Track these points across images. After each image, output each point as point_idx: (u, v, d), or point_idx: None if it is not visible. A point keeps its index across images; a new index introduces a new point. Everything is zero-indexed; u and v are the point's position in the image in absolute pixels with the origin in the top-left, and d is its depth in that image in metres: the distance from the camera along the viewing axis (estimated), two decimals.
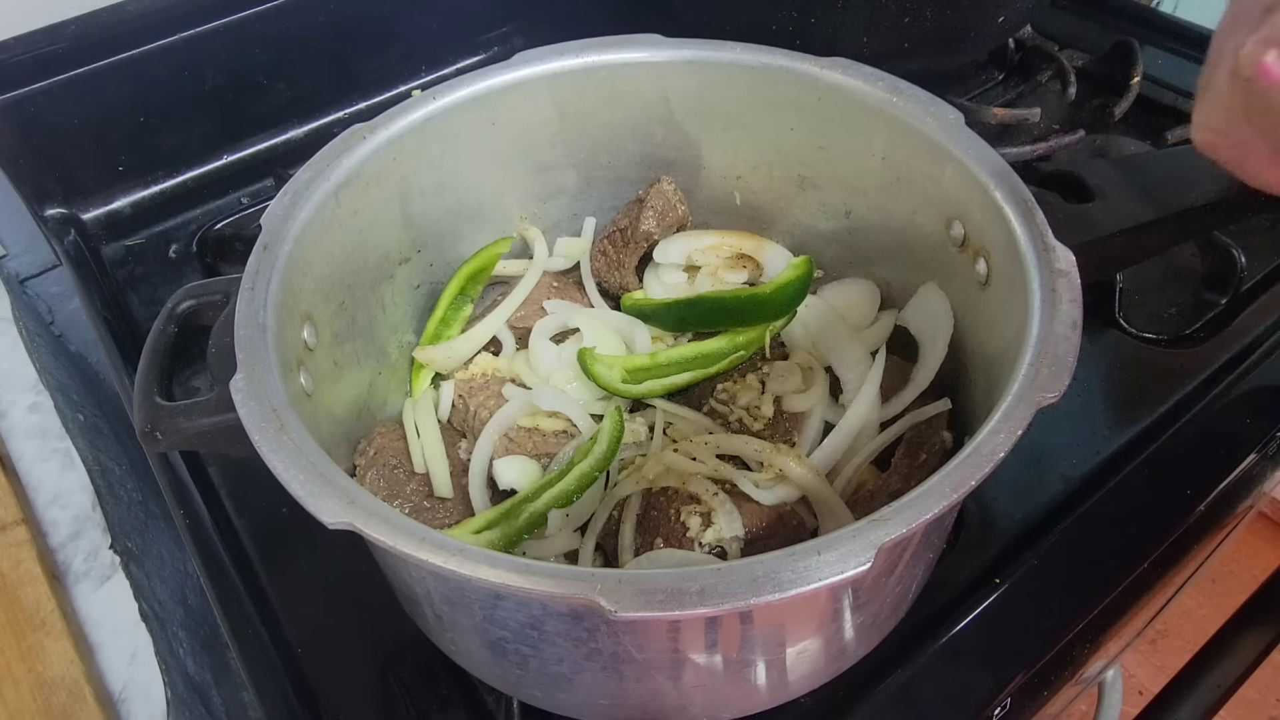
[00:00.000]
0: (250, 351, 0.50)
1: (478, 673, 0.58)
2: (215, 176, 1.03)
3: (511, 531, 0.58)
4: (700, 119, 0.72)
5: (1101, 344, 0.81)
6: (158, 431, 0.52)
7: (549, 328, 0.71)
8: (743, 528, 0.58)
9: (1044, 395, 0.46)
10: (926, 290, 0.67)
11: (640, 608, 0.39)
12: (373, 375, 0.67)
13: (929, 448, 0.60)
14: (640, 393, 0.67)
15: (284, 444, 0.46)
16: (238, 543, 0.70)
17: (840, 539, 0.41)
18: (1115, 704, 1.05)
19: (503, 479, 0.63)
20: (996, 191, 0.56)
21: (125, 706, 0.65)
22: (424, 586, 0.51)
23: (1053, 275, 0.51)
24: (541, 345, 0.70)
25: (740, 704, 0.56)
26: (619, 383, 0.66)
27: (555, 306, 0.73)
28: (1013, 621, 0.63)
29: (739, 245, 0.76)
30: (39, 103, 0.91)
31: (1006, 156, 0.59)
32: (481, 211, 0.73)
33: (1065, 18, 1.19)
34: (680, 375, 0.68)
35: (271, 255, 0.55)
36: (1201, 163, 0.55)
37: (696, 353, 0.69)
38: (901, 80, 0.64)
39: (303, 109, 1.07)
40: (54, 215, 0.98)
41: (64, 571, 0.72)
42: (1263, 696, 1.77)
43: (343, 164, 0.61)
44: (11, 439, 0.79)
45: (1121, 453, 0.73)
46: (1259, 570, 1.68)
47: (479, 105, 0.67)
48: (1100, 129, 1.02)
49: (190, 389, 0.77)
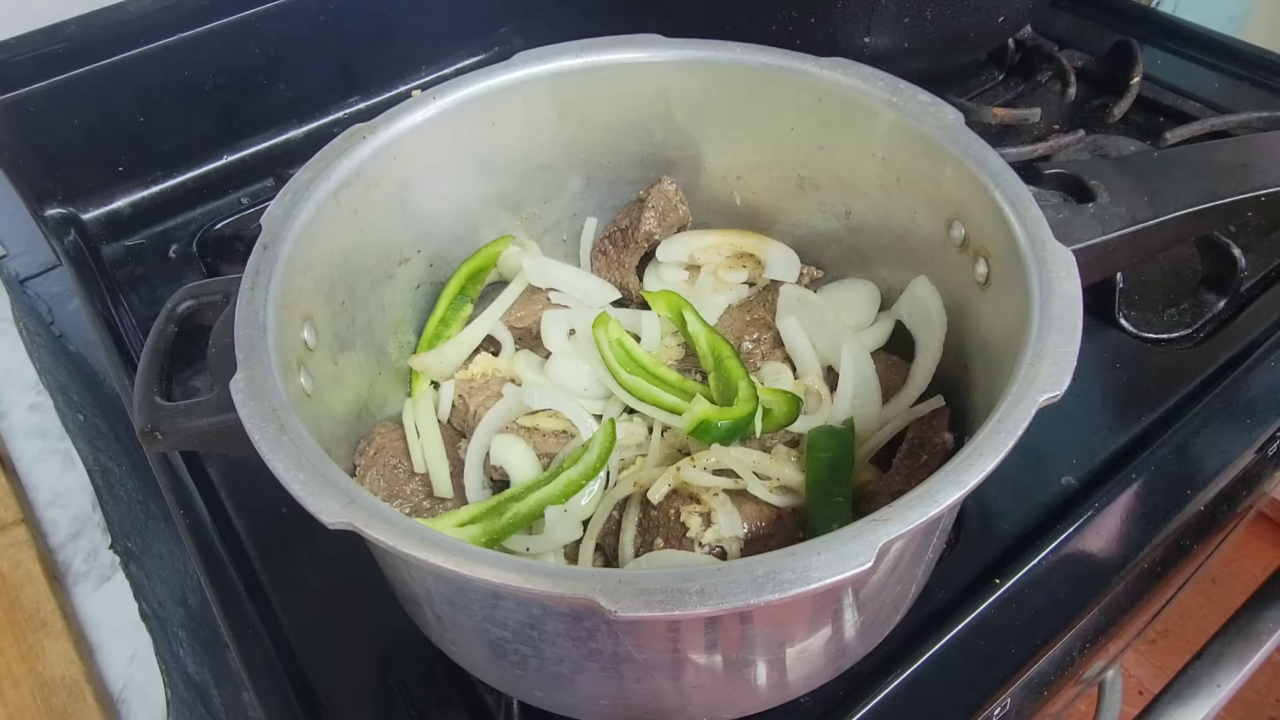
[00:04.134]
0: (250, 351, 0.50)
1: (478, 673, 0.58)
2: (215, 176, 1.04)
3: (494, 529, 0.58)
4: (700, 119, 0.72)
5: (1101, 344, 0.81)
6: (158, 431, 0.52)
7: (561, 316, 0.72)
8: (743, 528, 0.58)
9: (1044, 395, 0.46)
10: (917, 284, 0.67)
11: (640, 608, 0.39)
12: (373, 375, 0.67)
13: (930, 448, 0.60)
14: (627, 383, 0.67)
15: (284, 444, 0.46)
16: (238, 543, 0.70)
17: (840, 539, 0.41)
18: (1115, 704, 1.05)
19: (497, 456, 0.64)
20: (996, 191, 0.56)
21: (125, 706, 0.65)
22: (424, 586, 0.51)
23: (1053, 275, 0.51)
24: (554, 327, 0.71)
25: (740, 704, 0.56)
26: (613, 360, 0.67)
27: (561, 299, 0.74)
28: (1013, 621, 0.63)
29: (740, 244, 0.76)
30: (39, 103, 0.91)
31: (1006, 156, 0.60)
32: (481, 211, 0.73)
33: (1065, 18, 1.19)
34: (666, 396, 0.66)
35: (271, 255, 0.55)
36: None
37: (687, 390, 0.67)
38: (901, 80, 0.64)
39: (303, 109, 1.07)
40: (54, 215, 0.98)
41: (64, 571, 0.72)
42: (1263, 696, 1.77)
43: (343, 164, 0.61)
44: (11, 439, 0.79)
45: (1121, 453, 0.73)
46: (1259, 570, 1.68)
47: (479, 105, 0.67)
48: (1100, 129, 1.02)
49: (190, 389, 0.77)
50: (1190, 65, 1.10)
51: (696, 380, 0.69)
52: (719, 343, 0.68)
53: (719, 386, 0.66)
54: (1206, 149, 0.72)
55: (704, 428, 0.61)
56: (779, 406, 0.64)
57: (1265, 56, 1.09)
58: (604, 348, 0.67)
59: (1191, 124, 0.99)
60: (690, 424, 0.61)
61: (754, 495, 0.59)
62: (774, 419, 0.64)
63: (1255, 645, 0.79)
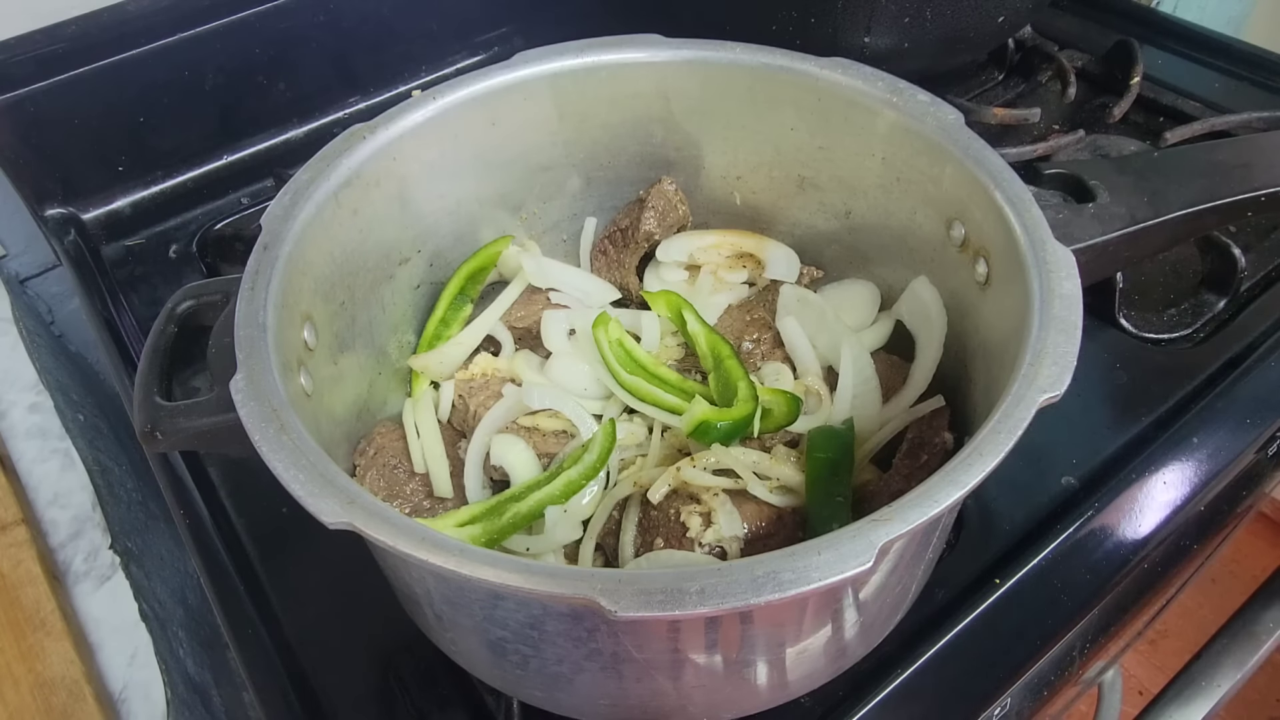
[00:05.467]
0: (250, 351, 0.50)
1: (478, 673, 0.58)
2: (215, 176, 1.04)
3: (494, 529, 0.58)
4: (700, 119, 0.72)
5: (1101, 344, 0.81)
6: (158, 431, 0.52)
7: (561, 316, 0.72)
8: (743, 528, 0.58)
9: (1044, 395, 0.46)
10: (917, 284, 0.67)
11: (640, 608, 0.39)
12: (373, 375, 0.67)
13: (930, 449, 0.60)
14: (627, 383, 0.67)
15: (284, 444, 0.46)
16: (238, 543, 0.70)
17: (840, 539, 0.41)
18: (1115, 704, 1.05)
19: (497, 456, 0.64)
20: (996, 191, 0.56)
21: (125, 706, 0.65)
22: (424, 586, 0.51)
23: (1053, 275, 0.51)
24: (554, 325, 0.71)
25: (740, 704, 0.56)
26: (613, 360, 0.67)
27: (561, 299, 0.74)
28: (1013, 621, 0.63)
29: (740, 244, 0.76)
30: (39, 103, 0.91)
31: (1006, 156, 0.60)
32: (481, 211, 0.73)
33: (1065, 18, 1.19)
34: (666, 396, 0.66)
35: (271, 255, 0.55)
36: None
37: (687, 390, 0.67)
38: (901, 80, 0.64)
39: (303, 109, 1.07)
40: (54, 215, 0.98)
41: (64, 571, 0.72)
42: (1263, 696, 1.77)
43: (343, 164, 0.61)
44: (11, 439, 0.79)
45: (1121, 453, 0.73)
46: (1259, 570, 1.68)
47: (479, 105, 0.67)
48: (1100, 129, 1.02)
49: (190, 389, 0.77)
50: (1190, 65, 1.10)
51: (696, 380, 0.69)
52: (719, 343, 0.68)
53: (719, 387, 0.66)
54: (1206, 149, 0.72)
55: (703, 429, 0.61)
56: (779, 407, 0.64)
57: (1265, 56, 1.09)
58: (604, 348, 0.67)
59: (1191, 124, 0.99)
60: (689, 425, 0.61)
61: (754, 495, 0.59)
62: (774, 419, 0.64)
63: (1255, 645, 0.79)
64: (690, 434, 0.61)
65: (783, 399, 0.64)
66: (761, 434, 0.64)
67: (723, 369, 0.66)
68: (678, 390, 0.66)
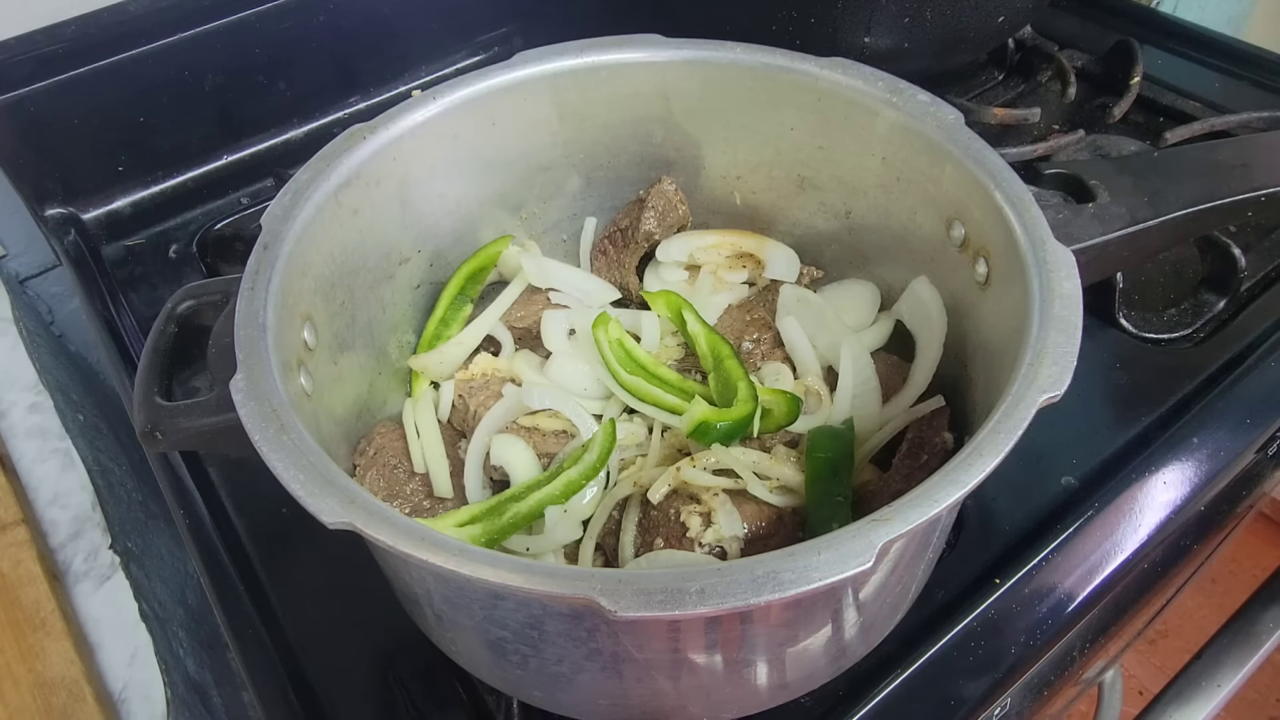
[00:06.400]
0: (250, 351, 0.50)
1: (478, 673, 0.58)
2: (215, 176, 1.04)
3: (494, 529, 0.58)
4: (700, 119, 0.72)
5: (1101, 344, 0.81)
6: (158, 431, 0.52)
7: (561, 316, 0.72)
8: (743, 528, 0.58)
9: (1045, 395, 0.46)
10: (918, 284, 0.67)
11: (640, 608, 0.39)
12: (373, 375, 0.67)
13: (930, 449, 0.60)
14: (627, 383, 0.67)
15: (284, 444, 0.46)
16: (238, 543, 0.70)
17: (840, 539, 0.41)
18: (1115, 704, 1.05)
19: (497, 456, 0.64)
20: (996, 191, 0.56)
21: (125, 706, 0.65)
22: (424, 586, 0.51)
23: (1053, 275, 0.51)
24: (554, 325, 0.71)
25: (740, 704, 0.56)
26: (613, 360, 0.67)
27: (561, 299, 0.74)
28: (1013, 621, 0.63)
29: (740, 244, 0.76)
30: (39, 103, 0.91)
31: (1006, 156, 0.60)
32: (481, 211, 0.73)
33: (1065, 18, 1.19)
34: (666, 396, 0.66)
35: (271, 255, 0.55)
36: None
37: (687, 390, 0.67)
38: (901, 80, 0.64)
39: (303, 109, 1.07)
40: (54, 215, 0.98)
41: (64, 571, 0.72)
42: (1263, 696, 1.77)
43: (343, 164, 0.61)
44: (11, 439, 0.79)
45: (1121, 453, 0.73)
46: (1259, 570, 1.68)
47: (479, 105, 0.67)
48: (1100, 129, 1.02)
49: (190, 389, 0.77)
50: (1190, 65, 1.10)
51: (696, 380, 0.69)
52: (719, 343, 0.68)
53: (719, 387, 0.66)
54: (1206, 149, 0.72)
55: (703, 429, 0.61)
56: (779, 407, 0.64)
57: (1265, 56, 1.09)
58: (604, 348, 0.67)
59: (1191, 124, 0.99)
60: (689, 425, 0.61)
61: (754, 495, 0.59)
62: (774, 419, 0.64)
63: (1255, 645, 0.79)
64: (690, 434, 0.61)
65: (783, 399, 0.64)
66: (761, 434, 0.64)
67: (723, 369, 0.66)
68: (678, 390, 0.66)
